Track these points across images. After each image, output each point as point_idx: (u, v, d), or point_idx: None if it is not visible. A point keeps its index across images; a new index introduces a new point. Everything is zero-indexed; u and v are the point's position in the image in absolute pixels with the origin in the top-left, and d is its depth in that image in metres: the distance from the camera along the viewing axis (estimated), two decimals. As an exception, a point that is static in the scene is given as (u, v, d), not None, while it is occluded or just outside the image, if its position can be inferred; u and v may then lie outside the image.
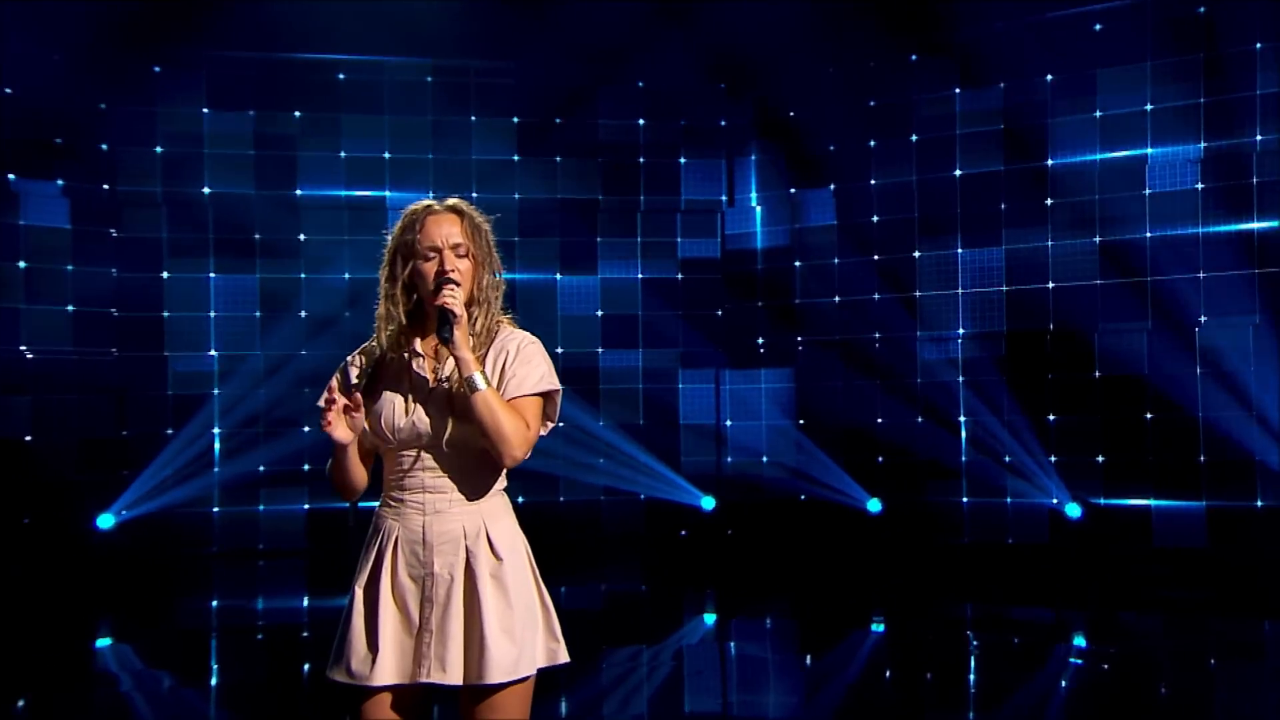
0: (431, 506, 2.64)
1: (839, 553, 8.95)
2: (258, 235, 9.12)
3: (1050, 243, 8.57)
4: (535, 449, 2.68)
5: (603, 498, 9.43)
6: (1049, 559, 8.43)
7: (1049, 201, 8.56)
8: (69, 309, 8.68)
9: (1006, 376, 8.68)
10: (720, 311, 9.69)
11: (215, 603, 7.95)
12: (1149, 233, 8.24)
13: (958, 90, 8.88)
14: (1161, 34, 8.15)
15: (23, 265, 8.47)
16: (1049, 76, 8.58)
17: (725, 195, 9.75)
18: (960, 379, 8.87)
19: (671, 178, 9.73)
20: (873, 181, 9.21)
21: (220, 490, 9.00)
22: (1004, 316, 8.72)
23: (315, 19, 8.61)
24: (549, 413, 2.71)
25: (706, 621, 7.23)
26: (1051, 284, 8.56)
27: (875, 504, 9.11)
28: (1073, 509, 8.47)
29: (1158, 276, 8.17)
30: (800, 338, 9.46)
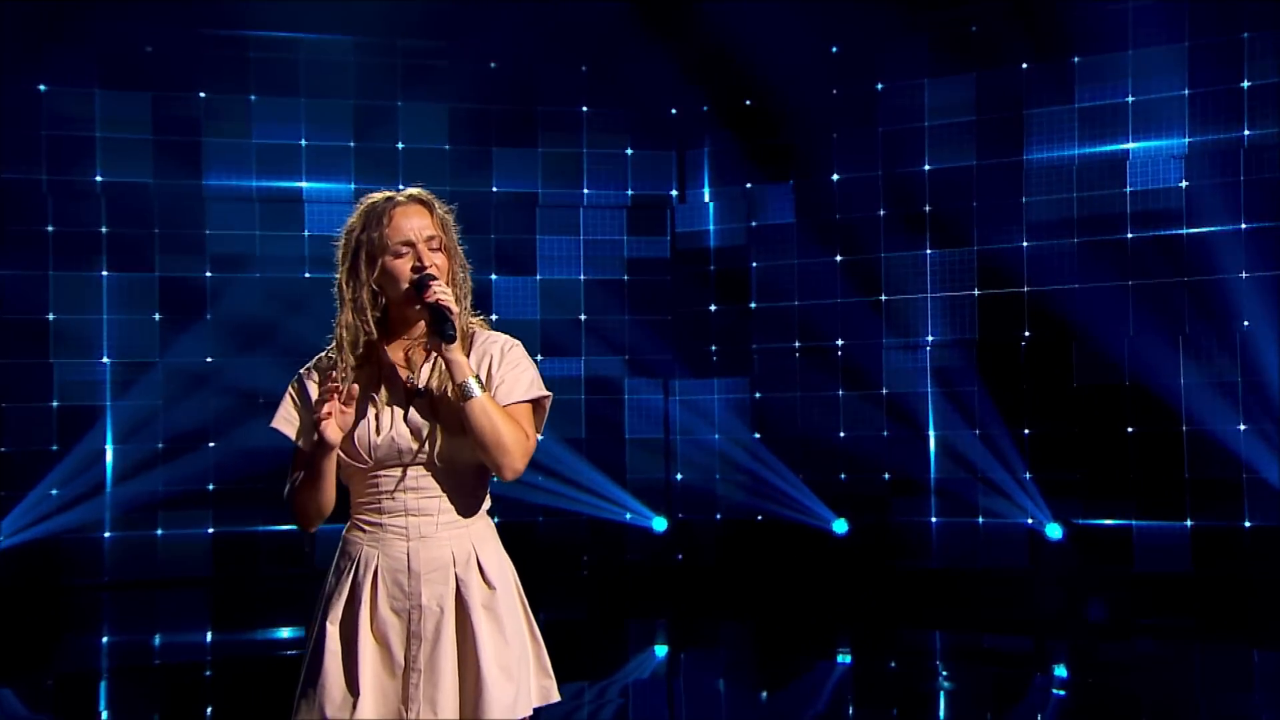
0: (416, 531, 2.60)
1: (800, 577, 8.93)
2: (157, 230, 8.98)
3: (1025, 243, 8.60)
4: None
5: (541, 518, 9.35)
6: (1027, 583, 8.44)
7: (1024, 199, 8.59)
8: (-59, 310, 8.66)
9: (979, 386, 8.69)
10: (670, 316, 9.67)
11: (106, 639, 7.85)
12: (1130, 233, 8.28)
13: (927, 79, 8.89)
14: (1144, 19, 8.21)
15: (-112, 261, 8.55)
16: (1024, 64, 8.59)
17: (676, 189, 9.74)
18: (930, 389, 8.87)
19: (618, 170, 9.68)
20: (836, 176, 9.20)
21: (113, 514, 8.86)
22: (976, 322, 8.76)
23: (223, -11, 8.70)
24: (537, 422, 2.69)
25: (656, 654, 7.23)
26: (1027, 288, 8.59)
27: (841, 524, 9.08)
28: (1053, 529, 8.46)
29: (1141, 280, 8.22)
30: (757, 345, 9.44)
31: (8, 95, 8.67)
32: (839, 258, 9.14)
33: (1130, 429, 8.27)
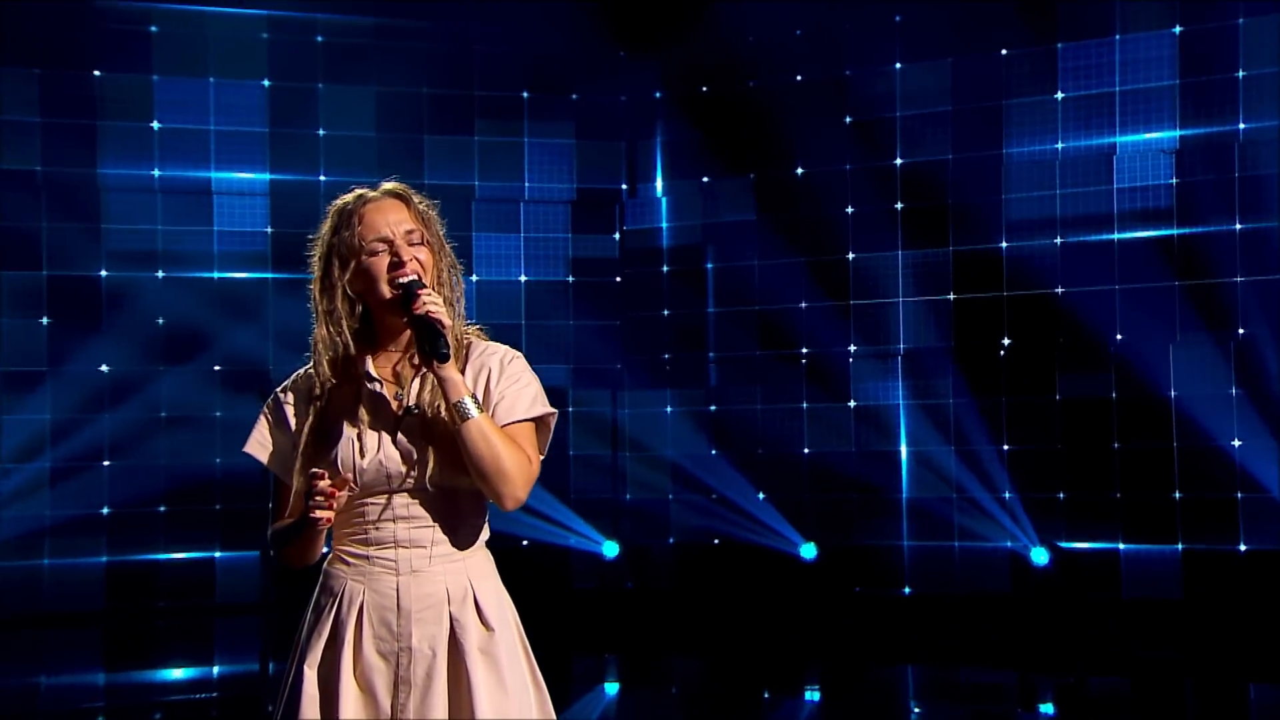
0: (407, 564, 2.56)
1: (761, 605, 8.89)
2: (45, 224, 8.85)
3: (1005, 244, 8.62)
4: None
5: (476, 543, 9.25)
6: (1009, 611, 8.43)
7: (1004, 196, 8.61)
8: None
9: (956, 398, 8.71)
10: (619, 321, 9.62)
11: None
12: (1117, 233, 8.31)
13: (899, 66, 8.91)
14: (1133, 3, 8.27)
15: None
16: (1004, 50, 8.60)
17: (625, 184, 9.70)
18: (902, 401, 8.90)
19: (561, 162, 9.67)
20: (800, 169, 9.20)
21: (-8, 543, 8.67)
22: (952, 328, 8.77)
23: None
24: (540, 442, 2.65)
25: (607, 693, 7.26)
26: (1007, 291, 8.60)
27: (810, 549, 9.02)
28: (1039, 554, 8.42)
29: (1129, 284, 8.26)
30: (714, 353, 9.39)
31: None
32: (804, 258, 9.11)
33: (1117, 444, 8.26)
